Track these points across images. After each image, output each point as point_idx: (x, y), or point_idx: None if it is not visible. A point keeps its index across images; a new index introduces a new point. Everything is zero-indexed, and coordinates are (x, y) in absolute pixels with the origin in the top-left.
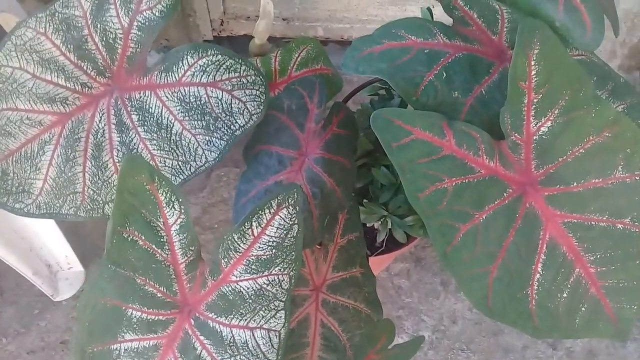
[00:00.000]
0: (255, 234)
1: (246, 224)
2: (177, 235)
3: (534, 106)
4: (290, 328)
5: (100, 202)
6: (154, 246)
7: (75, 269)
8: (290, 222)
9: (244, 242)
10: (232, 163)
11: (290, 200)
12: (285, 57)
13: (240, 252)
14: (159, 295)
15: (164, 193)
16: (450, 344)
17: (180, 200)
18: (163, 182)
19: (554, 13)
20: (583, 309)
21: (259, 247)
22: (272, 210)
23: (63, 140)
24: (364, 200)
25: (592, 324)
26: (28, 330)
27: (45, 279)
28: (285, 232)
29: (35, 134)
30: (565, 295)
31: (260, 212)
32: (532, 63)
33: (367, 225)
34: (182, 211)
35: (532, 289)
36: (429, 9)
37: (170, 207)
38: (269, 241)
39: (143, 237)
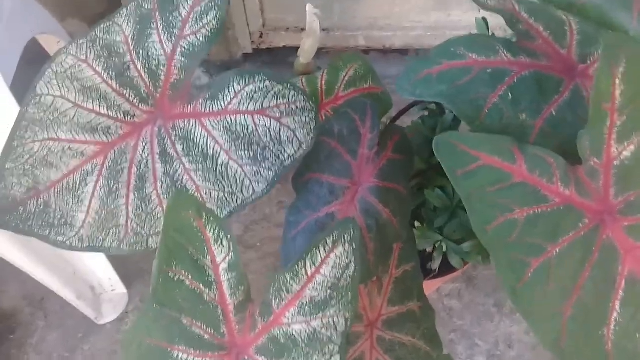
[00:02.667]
0: (309, 274)
1: (299, 263)
2: (226, 274)
3: (616, 129)
4: None
5: (144, 235)
6: (201, 286)
7: (119, 291)
8: (347, 261)
9: (297, 282)
10: None
11: (346, 237)
12: (332, 76)
13: (292, 293)
14: (206, 336)
15: (212, 230)
16: None
17: (229, 237)
18: (211, 218)
19: (627, 22)
20: None
21: (313, 288)
22: (327, 249)
23: (105, 172)
24: (416, 224)
25: None
26: (72, 354)
27: (89, 302)
28: (341, 271)
29: (77, 164)
30: None
31: (314, 250)
32: (617, 83)
33: (419, 249)
34: (231, 248)
35: (608, 329)
36: (484, 19)
37: (218, 244)
38: (324, 281)
39: (190, 277)
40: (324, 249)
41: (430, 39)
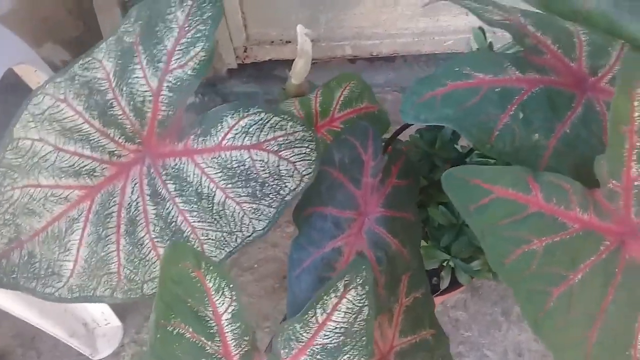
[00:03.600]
0: (320, 321)
1: (310, 312)
2: (229, 325)
3: (636, 150)
4: None
5: (139, 281)
6: (203, 338)
7: (113, 324)
8: (360, 305)
9: (307, 331)
10: None
11: (358, 280)
12: (326, 97)
13: (303, 342)
14: None
15: (212, 279)
16: None
17: (231, 286)
18: (211, 268)
19: (638, 30)
20: None
21: (325, 335)
22: (338, 294)
23: (93, 217)
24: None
25: None
26: None
27: (82, 339)
28: (354, 316)
29: (61, 211)
30: None
31: (325, 297)
32: (635, 104)
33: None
34: (234, 298)
35: (635, 350)
36: (481, 29)
37: (219, 294)
38: (336, 328)
39: (191, 330)
40: (335, 295)
41: (418, 45)
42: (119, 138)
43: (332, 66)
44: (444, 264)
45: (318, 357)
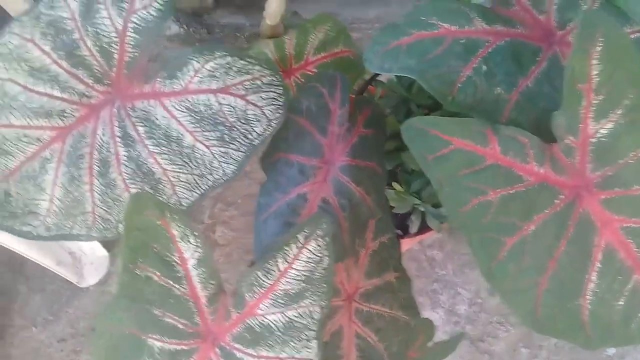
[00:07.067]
0: (282, 269)
1: (271, 260)
2: (195, 270)
3: (593, 108)
4: (323, 342)
5: (113, 221)
6: (170, 281)
7: (99, 254)
8: (320, 255)
9: (269, 278)
10: None
11: (319, 232)
12: (301, 40)
13: (265, 288)
14: (179, 326)
15: (176, 227)
16: (488, 317)
17: (196, 233)
18: (175, 216)
19: None
20: None
21: (287, 282)
22: (299, 245)
23: (65, 157)
24: (394, 189)
25: None
26: (57, 318)
27: (69, 267)
28: (314, 265)
29: (34, 151)
30: (621, 302)
31: (285, 247)
32: (593, 62)
33: (397, 212)
34: (199, 244)
35: (584, 299)
36: None
37: (185, 241)
38: (297, 275)
39: (158, 273)
40: (296, 246)
41: None
42: (88, 79)
43: None
44: (414, 208)
45: (280, 301)
